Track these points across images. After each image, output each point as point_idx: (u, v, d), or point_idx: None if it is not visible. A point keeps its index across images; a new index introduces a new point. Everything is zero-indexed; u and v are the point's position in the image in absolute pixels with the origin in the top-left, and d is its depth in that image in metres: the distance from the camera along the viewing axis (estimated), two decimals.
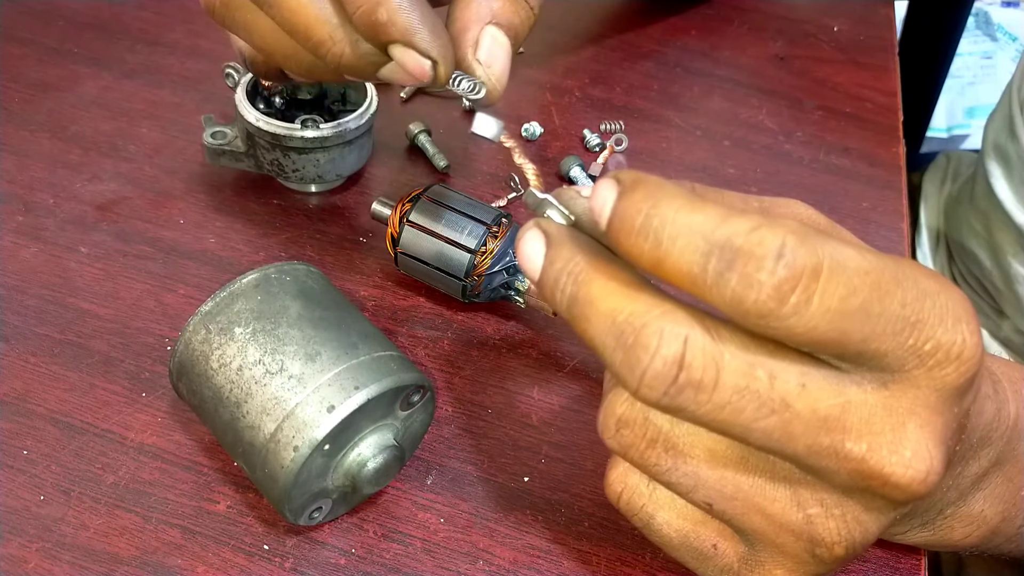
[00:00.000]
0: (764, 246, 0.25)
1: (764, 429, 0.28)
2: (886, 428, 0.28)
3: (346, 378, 0.38)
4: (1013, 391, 0.37)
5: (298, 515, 0.40)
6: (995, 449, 0.36)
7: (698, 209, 0.27)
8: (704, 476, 0.31)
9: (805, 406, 0.27)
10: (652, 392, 0.27)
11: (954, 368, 0.28)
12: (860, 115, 0.70)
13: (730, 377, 0.27)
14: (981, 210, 0.76)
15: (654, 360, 0.27)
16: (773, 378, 0.27)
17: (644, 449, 0.31)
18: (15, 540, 0.41)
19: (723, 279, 0.26)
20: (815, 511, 0.30)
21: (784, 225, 0.26)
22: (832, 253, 0.26)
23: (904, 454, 0.28)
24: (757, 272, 0.25)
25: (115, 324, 0.50)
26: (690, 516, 0.33)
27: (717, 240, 0.26)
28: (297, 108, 0.59)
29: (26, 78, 0.65)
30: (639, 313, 0.27)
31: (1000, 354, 0.77)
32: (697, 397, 0.27)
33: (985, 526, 0.39)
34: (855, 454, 0.28)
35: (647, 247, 0.27)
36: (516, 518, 0.44)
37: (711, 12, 0.79)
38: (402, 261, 0.51)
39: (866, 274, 0.26)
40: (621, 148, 0.64)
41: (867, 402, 0.28)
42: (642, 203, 0.27)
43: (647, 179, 0.28)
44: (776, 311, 0.26)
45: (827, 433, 0.28)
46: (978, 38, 1.45)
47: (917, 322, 0.27)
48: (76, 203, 0.56)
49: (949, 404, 0.29)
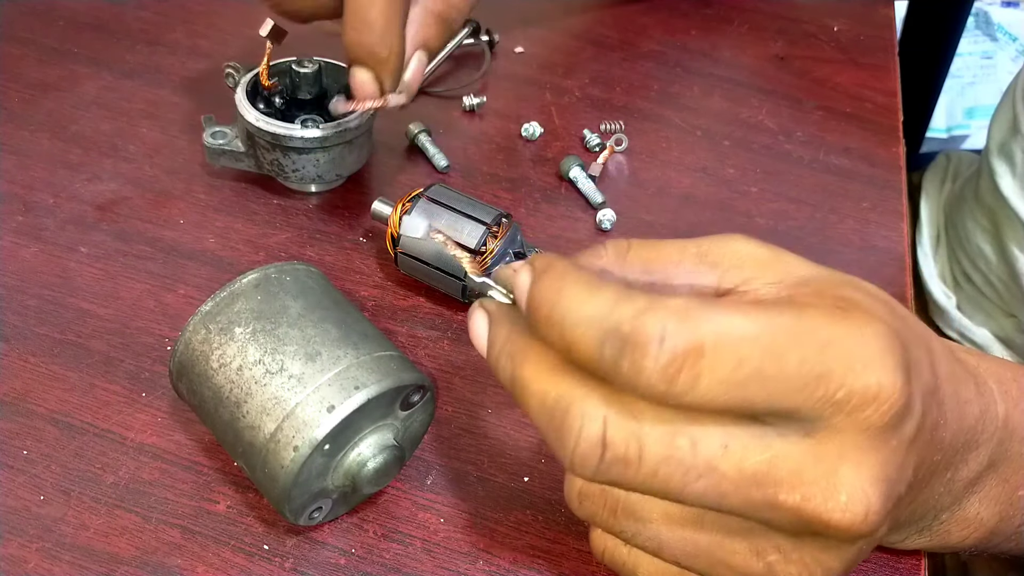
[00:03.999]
0: (646, 332, 0.27)
1: (696, 492, 0.29)
2: (818, 475, 0.28)
3: (346, 378, 0.38)
4: (1002, 391, 0.37)
5: (298, 515, 0.40)
6: (985, 451, 0.36)
7: (594, 295, 0.28)
8: (665, 538, 0.32)
9: (731, 466, 0.28)
10: (585, 470, 0.29)
11: (873, 409, 0.28)
12: (860, 115, 0.70)
13: (652, 448, 0.28)
14: (987, 206, 0.76)
15: (579, 442, 0.28)
16: (695, 444, 0.28)
17: (607, 517, 0.33)
18: (15, 540, 0.41)
19: (617, 365, 0.27)
20: (774, 558, 0.31)
21: (666, 307, 0.27)
22: (715, 328, 0.27)
23: (839, 499, 0.28)
24: (643, 359, 0.27)
25: (115, 324, 0.50)
26: (667, 571, 0.34)
27: (608, 328, 0.27)
28: (297, 108, 0.59)
29: (26, 78, 0.65)
30: (563, 395, 0.29)
31: (1001, 354, 0.77)
32: (626, 471, 0.28)
33: (982, 528, 0.39)
34: (790, 504, 0.28)
35: (555, 336, 0.28)
36: (516, 518, 0.44)
37: (711, 12, 0.79)
38: (402, 261, 0.51)
39: (755, 340, 0.27)
40: (621, 148, 0.64)
41: (793, 453, 0.28)
42: (547, 292, 0.29)
43: (554, 266, 0.29)
44: (669, 391, 0.27)
45: (758, 488, 0.28)
46: (978, 38, 1.45)
47: (822, 375, 0.28)
48: (76, 203, 0.56)
49: (882, 440, 0.29)
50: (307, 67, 0.57)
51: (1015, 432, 0.37)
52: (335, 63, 0.58)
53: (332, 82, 0.59)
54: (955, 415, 0.34)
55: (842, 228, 0.61)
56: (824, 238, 0.60)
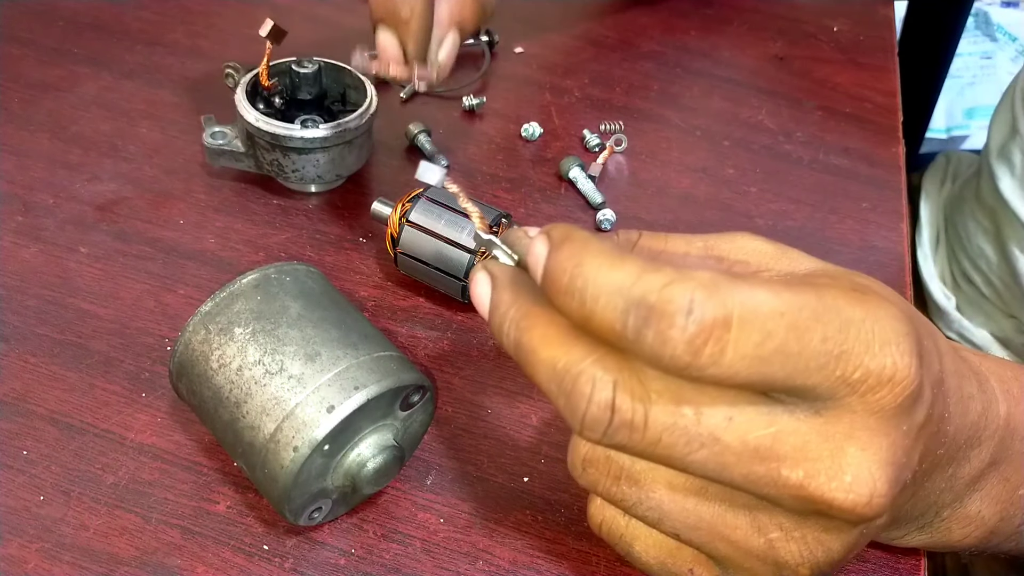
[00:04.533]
0: (674, 303, 0.26)
1: (698, 461, 0.29)
2: (823, 454, 0.28)
3: (346, 378, 0.38)
4: (1003, 390, 0.37)
5: (298, 515, 0.40)
6: (987, 449, 0.36)
7: (617, 267, 0.28)
8: (667, 508, 0.32)
9: (734, 438, 0.28)
10: (593, 433, 0.29)
11: (888, 391, 0.28)
12: (860, 115, 0.70)
13: (657, 415, 0.28)
14: (988, 206, 0.76)
15: (590, 406, 0.28)
16: (699, 414, 0.28)
17: (610, 485, 0.33)
18: (15, 540, 0.41)
19: (641, 336, 0.27)
20: (775, 535, 0.31)
21: (694, 279, 0.27)
22: (743, 301, 0.27)
23: (844, 479, 0.28)
24: (669, 329, 0.26)
25: (115, 324, 0.50)
26: (665, 544, 0.34)
27: (633, 298, 0.27)
28: (297, 108, 0.59)
29: (26, 78, 0.65)
30: (575, 361, 0.29)
31: (1000, 355, 0.77)
32: (632, 436, 0.28)
33: (983, 527, 0.39)
34: (792, 481, 0.28)
35: (574, 306, 0.28)
36: (516, 518, 0.44)
37: (711, 12, 0.79)
38: (402, 261, 0.51)
39: (781, 316, 0.27)
40: (621, 148, 0.64)
41: (800, 430, 0.29)
42: (567, 262, 0.28)
43: (574, 236, 0.29)
44: (693, 363, 0.27)
45: (760, 462, 0.28)
46: (978, 38, 1.45)
47: (842, 354, 0.28)
48: (76, 203, 0.56)
49: (893, 424, 0.29)
50: (307, 67, 0.57)
51: (1016, 431, 0.37)
52: (335, 63, 0.58)
53: (332, 82, 0.59)
54: (959, 410, 0.34)
55: (842, 228, 0.61)
56: (824, 238, 0.60)
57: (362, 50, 0.50)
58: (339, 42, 0.48)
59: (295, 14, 0.72)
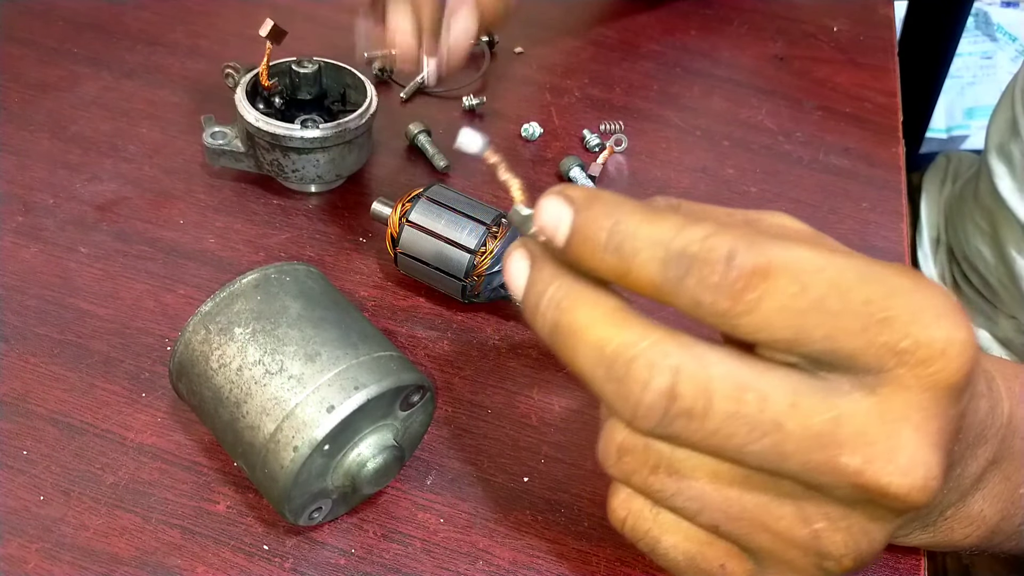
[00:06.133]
0: (715, 251, 0.27)
1: (758, 451, 0.28)
2: (880, 437, 0.28)
3: (346, 378, 0.38)
4: (1007, 389, 0.37)
5: (298, 515, 0.40)
6: (991, 448, 0.36)
7: (656, 221, 0.28)
8: (709, 498, 0.31)
9: (797, 425, 0.28)
10: (647, 423, 0.28)
11: (941, 366, 0.27)
12: (860, 115, 0.70)
13: (720, 403, 0.27)
14: (986, 207, 0.76)
15: (646, 392, 0.27)
16: (763, 400, 0.28)
17: (647, 475, 0.31)
18: (15, 540, 0.41)
19: (682, 284, 0.27)
20: (821, 525, 0.30)
21: (734, 232, 0.27)
22: (781, 254, 0.27)
23: (900, 462, 0.28)
24: (710, 276, 0.27)
25: (115, 324, 0.50)
26: (696, 538, 0.33)
27: (674, 249, 0.27)
28: (297, 108, 0.59)
29: (26, 78, 0.65)
30: (628, 344, 0.28)
31: (1001, 355, 0.77)
32: (690, 425, 0.28)
33: (985, 526, 0.39)
34: (851, 468, 0.28)
35: (613, 261, 0.28)
36: (516, 518, 0.44)
37: (711, 12, 0.79)
38: (402, 261, 0.51)
39: (820, 271, 0.27)
40: (621, 148, 0.64)
41: (859, 412, 0.28)
42: (604, 220, 0.28)
43: (603, 195, 0.29)
44: (731, 310, 0.27)
45: (820, 449, 0.28)
46: (978, 38, 1.45)
47: (886, 319, 0.27)
48: (76, 203, 0.56)
49: (944, 406, 0.28)
50: (307, 67, 0.57)
51: (1018, 430, 0.37)
52: (335, 63, 0.58)
53: (332, 82, 0.59)
54: (971, 407, 0.34)
55: (842, 228, 0.61)
56: None
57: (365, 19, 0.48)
58: (339, 42, 0.48)
59: (295, 14, 0.72)
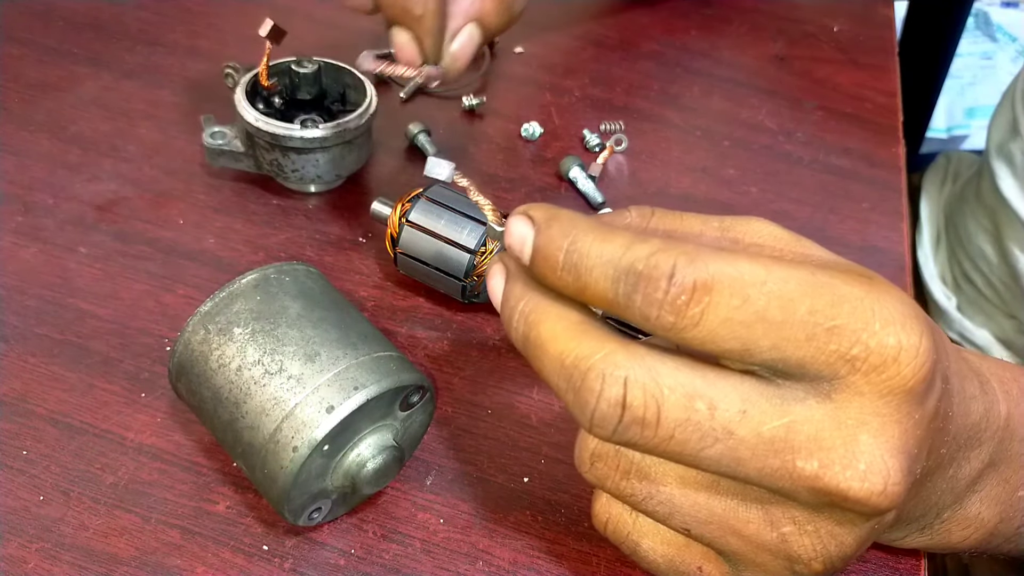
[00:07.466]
0: (658, 268, 0.28)
1: (714, 456, 0.29)
2: (836, 443, 0.28)
3: (345, 378, 0.38)
4: (1003, 391, 0.37)
5: (297, 516, 0.40)
6: (987, 450, 0.36)
7: (608, 239, 0.29)
8: (678, 503, 0.32)
9: (748, 431, 0.28)
10: (603, 431, 0.29)
11: (895, 371, 0.28)
12: (860, 115, 0.70)
13: (670, 411, 0.28)
14: (988, 206, 0.76)
15: (600, 402, 0.28)
16: (713, 408, 0.28)
17: (619, 480, 0.32)
18: (15, 540, 0.41)
19: (631, 301, 0.28)
20: (788, 529, 0.31)
21: (678, 248, 0.28)
22: (722, 268, 0.27)
23: (858, 467, 0.28)
24: (655, 292, 0.28)
25: (115, 324, 0.50)
26: (673, 541, 0.34)
27: (623, 267, 0.28)
28: (297, 108, 0.59)
29: (26, 78, 0.65)
30: (584, 356, 0.29)
31: (1001, 355, 0.77)
32: (643, 433, 0.28)
33: (983, 528, 0.39)
34: (807, 472, 0.28)
35: (570, 280, 0.29)
36: (516, 518, 0.44)
37: (711, 12, 0.79)
38: (402, 261, 0.51)
39: (762, 284, 0.27)
40: (621, 148, 0.64)
41: (813, 418, 0.28)
42: (561, 240, 0.29)
43: (560, 215, 0.30)
44: (677, 324, 0.28)
45: (775, 455, 0.28)
46: (978, 38, 1.45)
47: (834, 328, 0.27)
48: (76, 203, 0.56)
49: (905, 411, 0.28)
50: (307, 67, 0.57)
51: (1015, 432, 0.37)
52: (335, 63, 0.58)
53: (332, 82, 0.59)
54: (961, 411, 0.34)
55: (842, 228, 0.61)
56: (824, 238, 0.60)
57: (369, 53, 0.49)
58: (339, 42, 0.48)
59: (295, 14, 0.72)
